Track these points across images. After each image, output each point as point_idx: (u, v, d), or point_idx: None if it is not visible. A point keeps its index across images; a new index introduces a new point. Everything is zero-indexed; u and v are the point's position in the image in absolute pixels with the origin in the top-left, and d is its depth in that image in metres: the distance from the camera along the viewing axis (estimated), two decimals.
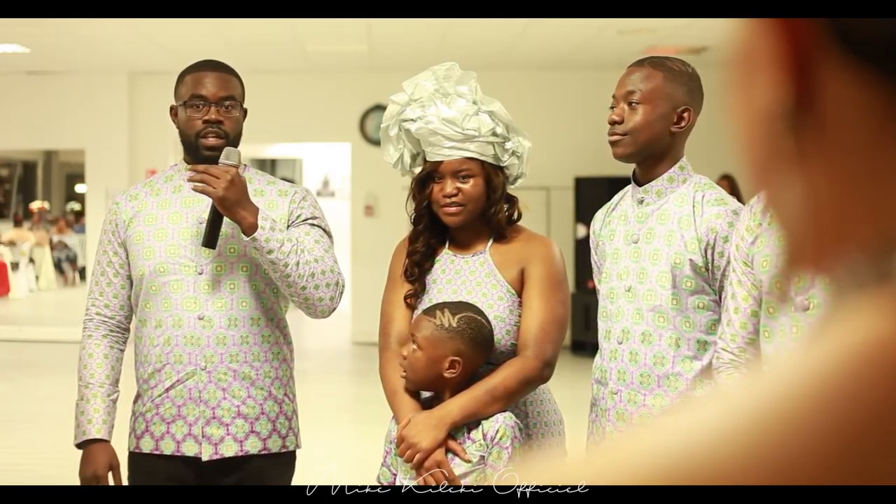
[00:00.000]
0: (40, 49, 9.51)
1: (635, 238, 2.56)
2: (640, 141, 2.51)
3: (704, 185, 2.54)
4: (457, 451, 2.44)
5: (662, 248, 2.50)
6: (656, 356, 2.49)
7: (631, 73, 2.55)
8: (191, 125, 2.70)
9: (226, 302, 2.73)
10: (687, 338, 2.47)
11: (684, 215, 2.50)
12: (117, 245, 2.81)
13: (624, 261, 2.57)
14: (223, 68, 2.77)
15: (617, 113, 2.53)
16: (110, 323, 2.82)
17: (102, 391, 2.76)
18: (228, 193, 2.57)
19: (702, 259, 2.46)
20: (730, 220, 2.46)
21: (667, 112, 2.51)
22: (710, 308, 2.48)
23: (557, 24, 8.17)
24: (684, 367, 2.47)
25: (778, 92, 0.42)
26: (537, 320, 2.55)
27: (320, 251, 2.71)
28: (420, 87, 2.63)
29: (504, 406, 2.48)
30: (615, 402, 2.55)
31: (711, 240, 2.46)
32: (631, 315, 2.53)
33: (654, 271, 2.51)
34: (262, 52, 9.57)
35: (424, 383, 2.51)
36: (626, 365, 2.53)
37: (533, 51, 9.57)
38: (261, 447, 2.75)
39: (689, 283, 2.47)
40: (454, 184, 2.59)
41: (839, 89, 0.40)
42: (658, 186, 2.55)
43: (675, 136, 2.53)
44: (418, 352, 2.48)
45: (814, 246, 0.43)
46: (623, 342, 2.54)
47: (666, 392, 2.48)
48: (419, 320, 2.52)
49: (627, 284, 2.55)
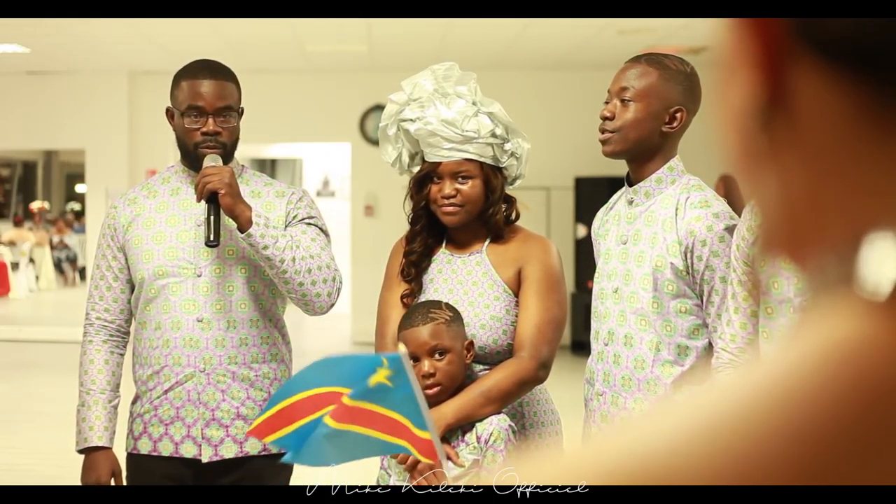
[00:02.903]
0: (40, 49, 9.52)
1: (624, 239, 2.54)
2: (630, 139, 2.47)
3: (691, 187, 2.49)
4: (450, 456, 2.43)
5: (647, 250, 2.47)
6: (637, 359, 2.47)
7: (627, 69, 2.51)
8: (189, 135, 2.71)
9: (224, 304, 2.73)
10: (667, 342, 2.44)
11: (668, 217, 2.46)
12: (116, 249, 2.81)
13: (613, 261, 2.56)
14: (219, 73, 2.75)
15: (609, 109, 2.49)
16: (110, 327, 2.82)
17: (104, 397, 2.77)
18: (233, 181, 2.60)
19: (682, 262, 2.42)
20: (709, 223, 2.40)
21: (659, 111, 2.46)
22: (693, 313, 2.44)
23: (557, 24, 8.17)
24: (663, 371, 2.44)
25: (751, 91, 0.42)
26: (534, 321, 2.55)
27: (317, 248, 2.71)
28: (419, 87, 2.63)
29: (499, 408, 2.47)
30: (600, 403, 2.54)
31: (690, 243, 2.41)
32: (616, 317, 2.51)
33: (638, 273, 2.48)
34: (262, 52, 9.57)
35: (457, 384, 2.50)
36: (610, 367, 2.52)
37: (533, 51, 9.57)
38: (261, 448, 2.75)
39: (671, 287, 2.43)
40: (453, 185, 2.59)
41: (809, 88, 0.40)
42: (647, 187, 2.52)
43: (667, 136, 2.49)
44: (449, 356, 2.46)
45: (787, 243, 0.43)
46: (608, 344, 2.53)
47: (646, 396, 2.45)
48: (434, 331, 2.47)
49: (615, 285, 2.53)
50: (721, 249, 2.39)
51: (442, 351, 2.45)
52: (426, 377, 2.44)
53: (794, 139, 0.41)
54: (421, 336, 2.46)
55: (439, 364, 2.45)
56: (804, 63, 0.40)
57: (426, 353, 2.45)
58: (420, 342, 2.46)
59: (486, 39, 8.93)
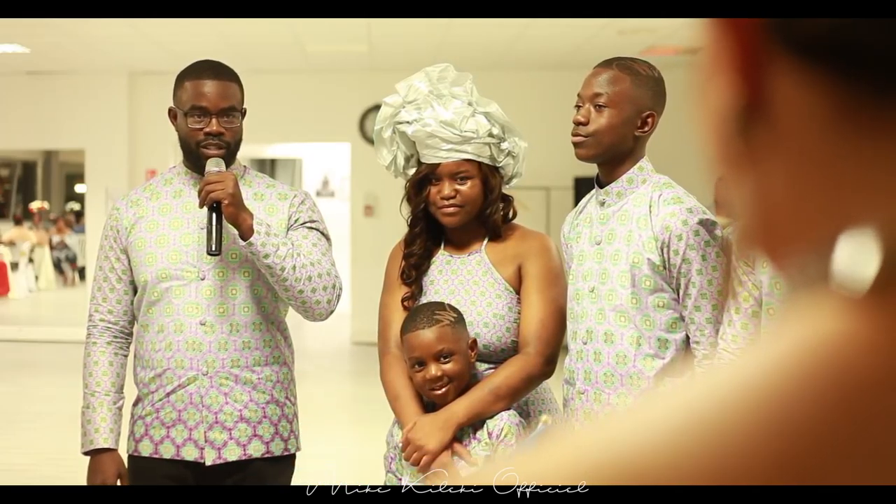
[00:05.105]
0: (40, 49, 9.52)
1: (598, 239, 2.57)
2: (605, 143, 2.52)
3: (662, 185, 2.54)
4: (462, 455, 2.44)
5: (622, 248, 2.51)
6: (618, 355, 2.49)
7: (598, 74, 2.55)
8: (192, 135, 2.71)
9: (227, 307, 2.73)
10: (647, 336, 2.48)
11: (642, 215, 2.51)
12: (119, 251, 2.81)
13: (588, 262, 2.58)
14: (223, 73, 2.75)
15: (583, 114, 2.53)
16: (114, 329, 2.82)
17: (108, 399, 2.77)
18: (236, 190, 2.60)
19: (659, 258, 2.46)
20: (684, 217, 2.45)
21: (632, 116, 2.51)
22: (670, 307, 2.48)
23: (557, 24, 8.18)
24: (645, 365, 2.47)
25: (730, 92, 0.42)
26: (537, 316, 2.56)
27: (317, 254, 2.71)
28: (414, 89, 2.64)
29: (508, 404, 2.49)
30: (582, 401, 2.56)
31: (666, 238, 2.45)
32: (594, 315, 2.54)
33: (614, 271, 2.51)
34: (262, 52, 9.58)
35: (464, 383, 2.50)
36: (591, 365, 2.54)
37: (533, 51, 9.57)
38: (264, 450, 2.75)
39: (648, 283, 2.48)
40: (452, 185, 2.59)
41: (787, 89, 0.40)
42: (618, 188, 2.56)
43: (639, 139, 2.55)
44: (454, 357, 2.47)
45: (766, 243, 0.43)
46: (587, 342, 2.55)
47: (629, 391, 2.49)
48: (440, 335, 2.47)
49: (591, 285, 2.55)
50: (696, 243, 2.44)
51: (448, 354, 2.46)
52: (434, 381, 2.45)
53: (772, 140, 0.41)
54: (426, 339, 2.46)
55: (446, 367, 2.45)
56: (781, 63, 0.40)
57: (432, 358, 2.46)
58: (425, 346, 2.46)
59: (485, 39, 8.93)
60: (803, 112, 0.40)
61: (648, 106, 2.52)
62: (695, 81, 0.45)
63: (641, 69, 2.54)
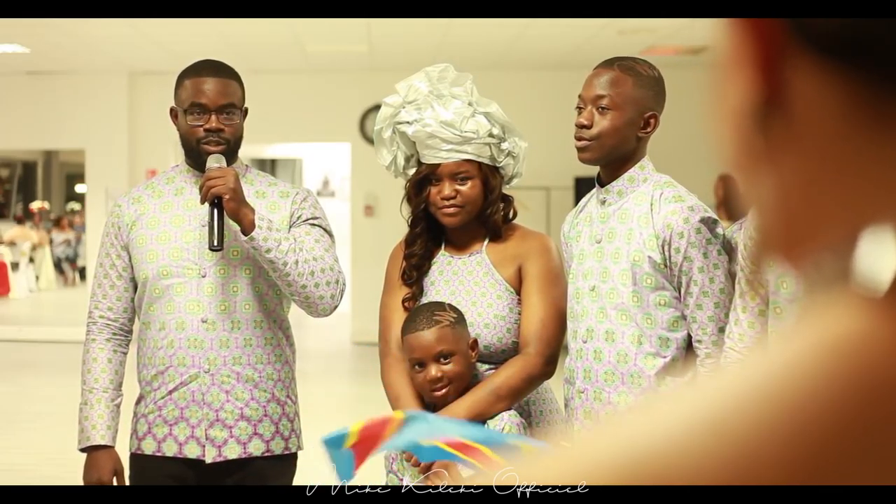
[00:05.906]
0: (40, 49, 9.52)
1: (598, 238, 2.57)
2: (608, 146, 2.51)
3: (664, 184, 2.54)
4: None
5: (623, 246, 2.51)
6: (619, 354, 2.49)
7: (600, 75, 2.54)
8: (192, 133, 2.71)
9: (229, 305, 2.73)
10: (648, 335, 2.47)
11: (643, 213, 2.50)
12: (120, 248, 2.81)
13: (588, 261, 2.58)
14: (223, 72, 2.76)
15: (586, 117, 2.52)
16: (114, 326, 2.82)
17: (106, 396, 2.77)
18: (237, 185, 2.60)
19: (660, 256, 2.46)
20: (685, 216, 2.45)
21: (634, 118, 2.51)
22: (672, 305, 2.48)
23: (557, 24, 8.17)
24: (646, 363, 2.47)
25: (748, 90, 0.42)
26: (538, 316, 2.56)
27: (320, 250, 2.71)
28: (414, 89, 2.63)
29: (509, 405, 2.49)
30: (582, 400, 2.55)
31: (667, 236, 2.45)
32: (595, 314, 2.53)
33: (615, 270, 2.51)
34: (262, 52, 9.57)
35: (465, 384, 2.50)
36: (591, 363, 2.54)
37: (533, 51, 9.57)
38: (264, 449, 2.75)
39: (649, 281, 2.48)
40: (452, 186, 2.59)
41: (806, 86, 0.40)
42: (619, 186, 2.55)
43: (641, 139, 2.54)
44: (455, 358, 2.47)
45: (784, 242, 0.43)
46: (588, 341, 2.54)
47: (630, 389, 2.49)
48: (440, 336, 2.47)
49: (591, 284, 2.55)
50: (698, 240, 2.44)
51: (448, 354, 2.46)
52: (434, 382, 2.45)
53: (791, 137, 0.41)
54: (426, 340, 2.46)
55: (446, 368, 2.45)
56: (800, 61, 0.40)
57: (432, 359, 2.46)
58: (426, 347, 2.46)
59: (486, 39, 8.93)
60: (822, 110, 0.40)
61: (650, 106, 2.52)
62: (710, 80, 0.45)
63: (643, 69, 2.53)
